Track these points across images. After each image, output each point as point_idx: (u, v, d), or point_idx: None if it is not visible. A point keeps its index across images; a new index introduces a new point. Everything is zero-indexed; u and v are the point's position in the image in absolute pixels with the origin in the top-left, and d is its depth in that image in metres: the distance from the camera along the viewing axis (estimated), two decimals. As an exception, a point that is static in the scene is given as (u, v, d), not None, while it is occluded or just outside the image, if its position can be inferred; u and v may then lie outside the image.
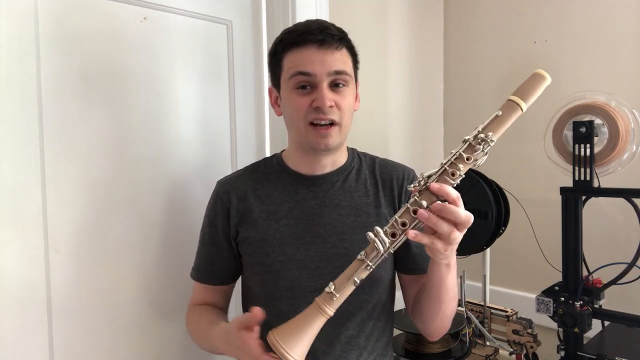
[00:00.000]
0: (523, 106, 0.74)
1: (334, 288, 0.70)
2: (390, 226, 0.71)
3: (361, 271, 0.70)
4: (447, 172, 0.71)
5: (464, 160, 0.71)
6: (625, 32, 1.50)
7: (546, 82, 0.74)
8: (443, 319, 0.92)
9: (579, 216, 1.24)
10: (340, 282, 0.70)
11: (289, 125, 0.95)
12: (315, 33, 0.87)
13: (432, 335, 0.97)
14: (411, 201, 0.71)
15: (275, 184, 0.97)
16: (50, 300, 1.02)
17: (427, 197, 0.70)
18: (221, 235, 0.98)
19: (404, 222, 0.70)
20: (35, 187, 1.00)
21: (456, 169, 0.71)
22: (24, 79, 0.98)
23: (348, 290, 0.70)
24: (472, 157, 0.71)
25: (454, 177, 0.71)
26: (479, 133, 0.72)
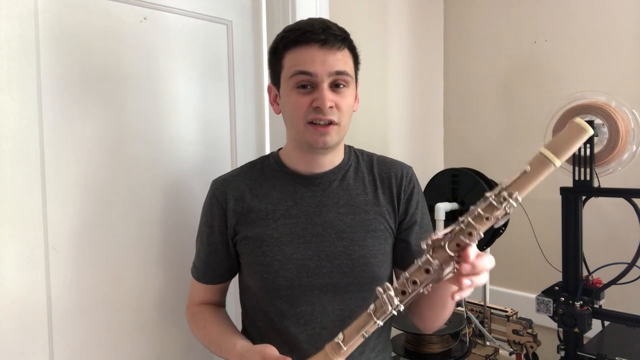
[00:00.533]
0: (556, 163, 0.64)
1: (342, 339, 0.70)
2: (400, 284, 0.69)
3: (370, 326, 0.70)
4: (463, 232, 0.66)
5: (482, 220, 0.65)
6: (625, 32, 1.50)
7: (586, 135, 0.62)
8: (443, 319, 0.96)
9: (579, 216, 1.24)
10: (350, 335, 0.70)
11: (287, 123, 0.95)
12: (317, 32, 0.86)
13: (427, 331, 1.02)
14: (423, 259, 0.68)
15: (272, 183, 0.97)
16: (50, 300, 1.02)
17: (440, 255, 0.67)
18: (217, 235, 0.98)
19: (415, 280, 0.68)
20: (35, 187, 1.00)
21: (473, 229, 0.65)
22: (24, 79, 0.98)
23: (356, 343, 0.70)
24: (492, 217, 0.65)
25: (471, 238, 0.66)
26: (502, 190, 0.65)
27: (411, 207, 0.99)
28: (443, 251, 0.67)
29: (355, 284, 0.93)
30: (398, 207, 0.98)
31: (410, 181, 1.00)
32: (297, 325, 0.92)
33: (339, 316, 0.93)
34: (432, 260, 0.67)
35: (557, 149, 0.64)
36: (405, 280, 0.68)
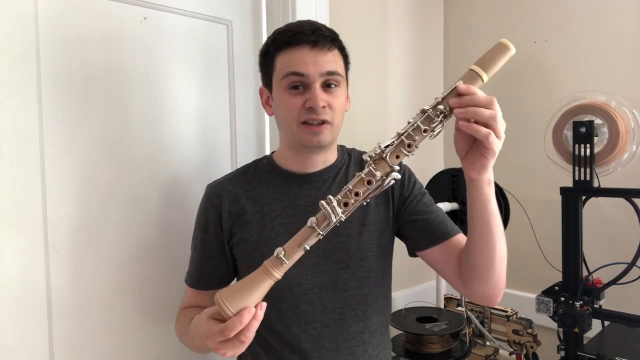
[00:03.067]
0: (484, 77, 0.73)
1: (283, 254, 0.70)
2: (343, 195, 0.71)
3: (311, 238, 0.70)
4: (403, 143, 0.71)
5: (420, 132, 0.71)
6: (625, 32, 1.50)
7: (510, 52, 0.73)
8: (500, 264, 0.84)
9: (579, 216, 1.24)
10: (290, 247, 0.70)
11: (280, 125, 0.95)
12: (308, 34, 0.87)
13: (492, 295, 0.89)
14: (365, 171, 0.71)
15: (267, 184, 0.97)
16: (50, 300, 1.02)
17: (382, 167, 0.71)
18: (213, 239, 0.98)
19: (357, 192, 0.71)
20: (35, 187, 1.00)
21: (412, 140, 0.71)
22: (24, 79, 0.98)
23: (297, 256, 0.71)
24: (429, 129, 0.71)
25: (410, 149, 0.71)
26: (437, 104, 0.72)
27: (406, 191, 0.99)
28: (384, 163, 0.71)
29: (354, 280, 0.93)
30: (392, 195, 0.98)
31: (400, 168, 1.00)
32: (299, 325, 0.92)
33: (340, 314, 0.93)
34: (375, 172, 0.70)
35: (485, 65, 0.73)
36: (347, 192, 0.71)
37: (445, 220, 0.97)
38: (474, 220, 0.83)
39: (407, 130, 0.71)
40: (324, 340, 0.92)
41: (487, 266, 0.84)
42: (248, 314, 0.67)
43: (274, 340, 0.93)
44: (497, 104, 0.72)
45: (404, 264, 1.09)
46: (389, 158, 0.71)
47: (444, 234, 0.94)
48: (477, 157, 0.75)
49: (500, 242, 0.83)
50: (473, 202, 0.81)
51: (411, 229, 0.97)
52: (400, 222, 0.98)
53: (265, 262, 0.71)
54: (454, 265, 0.93)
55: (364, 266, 0.93)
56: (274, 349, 0.94)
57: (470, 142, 0.76)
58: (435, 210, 0.98)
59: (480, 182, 0.78)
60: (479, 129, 0.70)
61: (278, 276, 0.70)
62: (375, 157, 0.72)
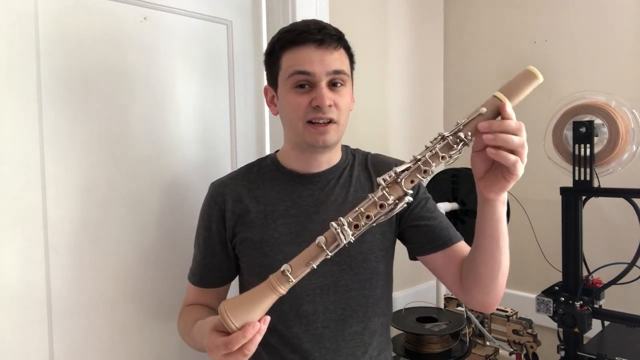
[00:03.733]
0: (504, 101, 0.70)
1: (290, 271, 0.70)
2: (354, 218, 0.70)
3: (319, 258, 0.70)
4: (420, 169, 0.70)
5: (438, 159, 0.70)
6: (625, 32, 1.50)
7: (537, 81, 0.69)
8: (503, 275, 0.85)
9: (579, 216, 1.24)
10: (297, 265, 0.70)
11: (286, 124, 0.95)
12: (314, 32, 0.87)
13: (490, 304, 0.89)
14: (379, 195, 0.70)
15: (270, 184, 0.97)
16: (50, 300, 1.02)
17: (396, 191, 0.70)
18: (216, 238, 0.97)
19: (369, 215, 0.70)
20: (35, 187, 1.00)
21: (429, 166, 0.70)
22: (24, 79, 0.98)
23: (303, 273, 0.71)
24: (447, 156, 0.70)
25: (425, 175, 0.70)
26: (458, 131, 0.70)
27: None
28: (398, 187, 0.70)
29: (356, 281, 0.93)
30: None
31: None
32: (300, 325, 0.92)
33: (341, 315, 0.93)
34: (388, 196, 0.69)
35: (510, 93, 0.69)
36: (359, 214, 0.70)
37: (448, 227, 0.96)
38: (484, 236, 0.82)
39: (425, 156, 0.70)
40: (325, 341, 0.92)
41: (491, 278, 0.85)
42: (252, 329, 0.68)
43: (276, 340, 0.93)
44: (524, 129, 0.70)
45: (404, 264, 1.09)
46: (404, 183, 0.70)
47: (446, 241, 0.95)
48: (497, 179, 0.73)
49: (506, 256, 0.83)
50: (485, 221, 0.80)
51: (414, 233, 0.97)
52: (403, 226, 0.98)
53: (270, 276, 0.71)
54: (455, 272, 0.93)
55: (366, 268, 0.93)
56: (275, 349, 0.94)
57: (490, 163, 0.74)
58: (439, 216, 0.98)
59: (496, 202, 0.77)
60: (507, 156, 0.69)
61: (283, 292, 0.70)
62: (390, 181, 0.70)
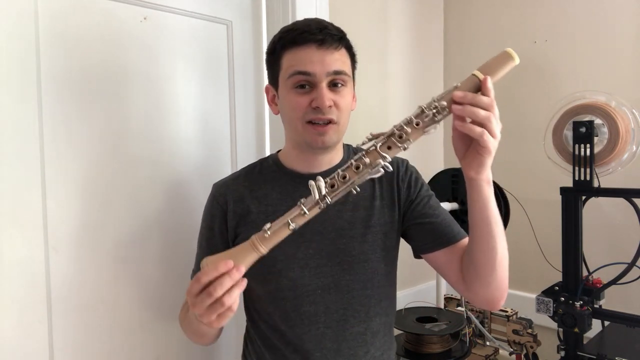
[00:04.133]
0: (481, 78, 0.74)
1: (269, 228, 0.72)
2: (331, 177, 0.74)
3: (298, 217, 0.73)
4: (394, 134, 0.74)
5: (413, 126, 0.73)
6: (625, 32, 1.50)
7: (513, 63, 0.74)
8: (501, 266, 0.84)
9: (579, 216, 1.24)
10: (277, 224, 0.73)
11: (286, 124, 0.95)
12: (315, 32, 0.87)
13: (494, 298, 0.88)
14: (356, 157, 0.74)
15: (272, 184, 0.97)
16: (50, 300, 1.02)
17: (373, 156, 0.74)
18: (218, 238, 0.97)
19: (345, 175, 0.73)
20: (35, 187, 1.00)
21: (404, 132, 0.73)
22: (24, 78, 0.98)
23: (283, 233, 0.73)
24: (422, 124, 0.74)
25: (401, 141, 0.73)
26: (433, 101, 0.74)
27: (413, 193, 0.98)
28: (374, 152, 0.74)
29: (357, 281, 0.93)
30: (399, 197, 0.98)
31: (407, 170, 1.00)
32: (302, 326, 0.92)
33: (343, 315, 0.93)
34: (364, 159, 0.73)
35: (486, 71, 0.74)
36: (336, 174, 0.74)
37: (451, 224, 0.96)
38: (475, 220, 0.83)
39: (400, 123, 0.74)
40: (327, 341, 0.92)
41: (489, 267, 0.84)
42: (224, 266, 0.69)
43: (278, 339, 0.94)
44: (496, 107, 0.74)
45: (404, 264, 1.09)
46: (380, 147, 0.74)
47: (450, 238, 0.94)
48: (474, 156, 0.76)
49: (501, 242, 0.83)
50: (473, 203, 0.82)
51: (417, 231, 0.97)
52: (406, 224, 0.98)
53: (252, 236, 0.73)
54: (458, 269, 0.93)
55: (367, 268, 0.93)
56: (276, 348, 0.94)
57: (468, 142, 0.77)
58: (442, 213, 0.98)
59: (479, 181, 0.78)
60: (473, 128, 0.72)
61: (263, 251, 0.73)
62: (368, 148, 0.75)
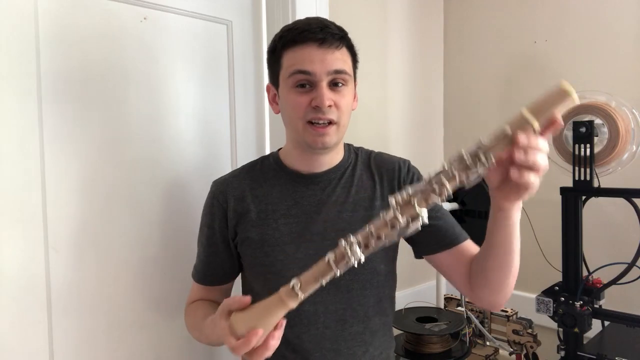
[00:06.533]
0: (535, 126, 0.62)
1: (299, 287, 0.69)
2: (364, 237, 0.68)
3: (328, 275, 0.69)
4: (434, 190, 0.65)
5: (455, 180, 0.64)
6: (625, 32, 1.50)
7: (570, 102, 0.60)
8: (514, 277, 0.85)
9: (579, 216, 1.24)
10: (307, 281, 0.70)
11: (287, 123, 0.95)
12: (315, 31, 0.86)
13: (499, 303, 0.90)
14: (390, 215, 0.67)
15: (272, 183, 0.97)
16: (50, 300, 1.02)
17: (408, 211, 0.66)
18: (218, 236, 0.97)
19: (380, 235, 0.67)
20: (35, 187, 1.00)
21: (444, 188, 0.65)
22: (24, 78, 0.98)
23: (312, 289, 0.70)
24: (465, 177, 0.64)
25: (440, 195, 0.65)
26: (479, 151, 0.63)
27: None
28: (411, 208, 0.66)
29: (356, 281, 0.93)
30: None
31: (409, 170, 1.01)
32: (301, 325, 0.92)
33: (342, 315, 0.93)
34: (400, 217, 0.66)
35: (538, 112, 0.62)
36: (370, 234, 0.68)
37: (454, 226, 0.96)
38: (496, 243, 0.81)
39: (440, 175, 0.65)
40: (326, 341, 0.92)
41: (502, 280, 0.85)
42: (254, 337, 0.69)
43: None
44: None
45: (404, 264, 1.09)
46: (417, 203, 0.66)
47: (452, 240, 0.94)
48: (512, 191, 0.69)
49: (517, 257, 0.82)
50: (498, 228, 0.78)
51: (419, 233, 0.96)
52: None
53: (281, 289, 0.71)
54: (462, 271, 0.93)
55: (367, 268, 0.93)
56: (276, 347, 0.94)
57: (505, 174, 0.68)
58: (444, 215, 0.98)
59: (512, 210, 0.74)
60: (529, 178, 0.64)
61: (292, 306, 0.71)
62: (402, 201, 0.67)
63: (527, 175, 0.64)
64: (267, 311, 0.71)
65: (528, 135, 0.62)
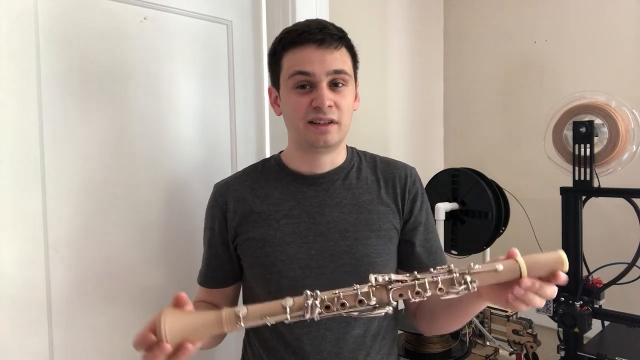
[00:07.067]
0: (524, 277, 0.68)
1: (244, 316, 0.64)
2: (329, 299, 0.67)
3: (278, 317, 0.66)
4: (413, 288, 0.67)
5: (435, 289, 0.67)
6: (625, 32, 1.50)
7: (563, 268, 0.69)
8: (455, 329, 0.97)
9: (579, 216, 1.24)
10: (253, 315, 0.65)
11: (288, 124, 0.95)
12: (314, 32, 0.87)
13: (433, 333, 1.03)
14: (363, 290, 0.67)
15: (274, 184, 0.97)
16: (50, 300, 1.02)
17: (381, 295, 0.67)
18: (218, 238, 0.97)
19: (344, 303, 0.67)
20: (35, 187, 1.00)
21: (424, 290, 0.67)
22: (24, 78, 0.98)
23: (254, 325, 0.66)
24: (445, 290, 0.67)
25: (417, 296, 0.67)
26: (467, 274, 0.67)
27: (416, 208, 0.98)
28: (385, 293, 0.67)
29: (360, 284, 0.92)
30: (403, 207, 0.98)
31: (415, 182, 1.01)
32: (301, 327, 0.91)
33: (344, 318, 0.92)
34: (371, 296, 0.66)
35: (532, 266, 0.68)
36: (336, 298, 0.67)
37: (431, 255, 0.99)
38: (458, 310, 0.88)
39: (425, 279, 0.67)
40: (326, 344, 0.92)
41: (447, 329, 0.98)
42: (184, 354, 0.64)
43: (277, 341, 0.93)
44: None
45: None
46: (392, 293, 0.67)
47: (421, 267, 0.96)
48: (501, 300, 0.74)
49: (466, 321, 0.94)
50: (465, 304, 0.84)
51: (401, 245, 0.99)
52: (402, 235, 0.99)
53: (224, 311, 0.65)
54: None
55: (371, 271, 0.92)
56: (275, 351, 0.93)
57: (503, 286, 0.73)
58: (430, 240, 1.00)
59: (487, 303, 0.82)
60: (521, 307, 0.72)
61: (226, 331, 0.65)
62: (380, 284, 0.68)
63: (520, 305, 0.71)
64: (203, 326, 0.65)
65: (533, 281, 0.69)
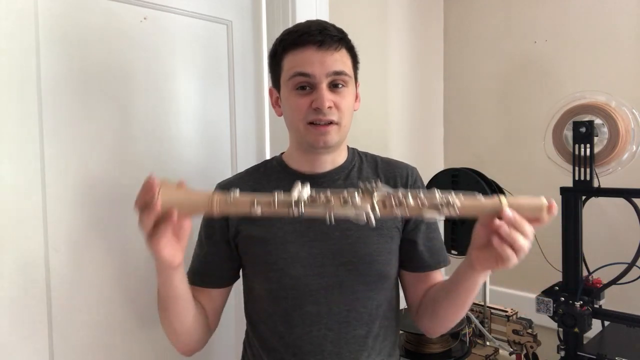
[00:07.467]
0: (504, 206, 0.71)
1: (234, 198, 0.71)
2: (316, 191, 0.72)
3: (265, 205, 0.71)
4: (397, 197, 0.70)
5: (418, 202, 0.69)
6: (625, 32, 1.50)
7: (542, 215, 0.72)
8: (457, 319, 0.94)
9: (579, 216, 1.24)
10: (243, 198, 0.71)
11: (289, 125, 0.95)
12: (314, 34, 0.87)
13: (436, 334, 1.00)
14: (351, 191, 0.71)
15: (276, 183, 0.97)
16: (50, 300, 1.02)
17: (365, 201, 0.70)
18: (219, 235, 0.97)
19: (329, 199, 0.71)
20: (35, 187, 1.00)
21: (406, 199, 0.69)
22: (24, 78, 0.98)
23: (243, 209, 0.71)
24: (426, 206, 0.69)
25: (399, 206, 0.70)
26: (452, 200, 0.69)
27: None
28: (370, 199, 0.70)
29: (362, 283, 0.92)
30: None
31: (416, 181, 1.01)
32: (302, 326, 0.91)
33: (346, 317, 0.92)
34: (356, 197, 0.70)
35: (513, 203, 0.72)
36: (322, 193, 0.71)
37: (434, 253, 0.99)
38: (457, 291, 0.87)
39: (407, 192, 0.71)
40: (327, 344, 0.91)
41: (448, 320, 0.94)
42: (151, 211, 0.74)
43: (277, 342, 0.93)
44: None
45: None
46: (376, 200, 0.70)
47: (420, 266, 0.98)
48: (489, 259, 0.76)
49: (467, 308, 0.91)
50: (461, 282, 0.85)
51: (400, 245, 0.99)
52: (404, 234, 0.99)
53: (214, 192, 0.72)
54: (417, 294, 1.00)
55: (372, 269, 0.93)
56: (275, 351, 0.93)
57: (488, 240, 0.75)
58: (433, 239, 1.00)
59: (479, 273, 0.81)
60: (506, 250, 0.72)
61: (215, 213, 0.72)
62: (367, 189, 0.71)
63: (506, 249, 0.72)
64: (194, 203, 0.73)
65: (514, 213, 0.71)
